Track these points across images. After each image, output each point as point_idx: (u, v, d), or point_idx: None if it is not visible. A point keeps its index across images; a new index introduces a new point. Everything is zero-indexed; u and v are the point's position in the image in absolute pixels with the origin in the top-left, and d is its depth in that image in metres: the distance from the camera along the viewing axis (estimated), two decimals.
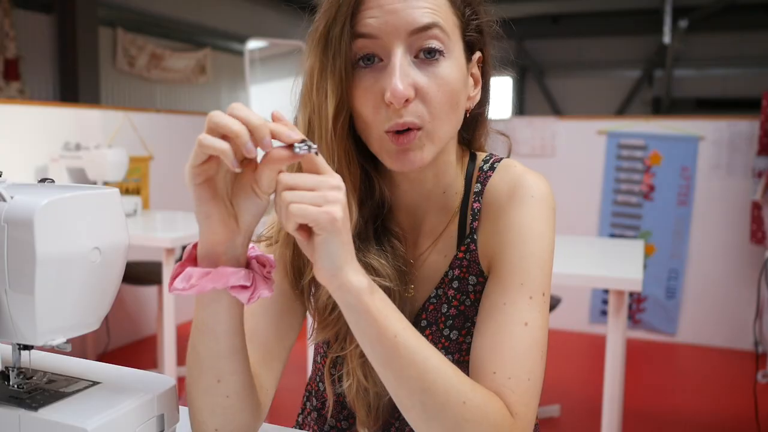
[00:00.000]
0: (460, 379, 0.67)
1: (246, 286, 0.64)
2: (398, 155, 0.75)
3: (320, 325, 0.83)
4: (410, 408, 0.66)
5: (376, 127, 0.74)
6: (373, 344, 0.64)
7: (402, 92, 0.70)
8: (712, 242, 4.07)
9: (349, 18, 0.73)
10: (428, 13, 0.72)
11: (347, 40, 0.73)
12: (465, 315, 0.85)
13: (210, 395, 0.70)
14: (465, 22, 0.79)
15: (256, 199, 0.63)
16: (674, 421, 3.02)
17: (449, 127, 0.77)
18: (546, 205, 0.80)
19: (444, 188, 0.85)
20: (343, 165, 0.77)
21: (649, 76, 9.34)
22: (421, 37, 0.72)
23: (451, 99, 0.75)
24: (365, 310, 0.63)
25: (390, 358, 0.64)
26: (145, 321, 4.09)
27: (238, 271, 0.63)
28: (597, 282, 2.07)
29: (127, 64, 6.25)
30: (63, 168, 3.16)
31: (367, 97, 0.74)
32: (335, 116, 0.75)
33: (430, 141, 0.75)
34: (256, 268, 0.66)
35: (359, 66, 0.74)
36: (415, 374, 0.64)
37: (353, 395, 0.83)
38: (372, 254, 0.81)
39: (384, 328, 0.63)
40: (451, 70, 0.74)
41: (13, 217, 0.59)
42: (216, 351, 0.69)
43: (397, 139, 0.74)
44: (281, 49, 4.99)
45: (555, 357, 3.69)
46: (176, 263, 0.66)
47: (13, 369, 0.68)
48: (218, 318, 0.67)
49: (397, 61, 0.72)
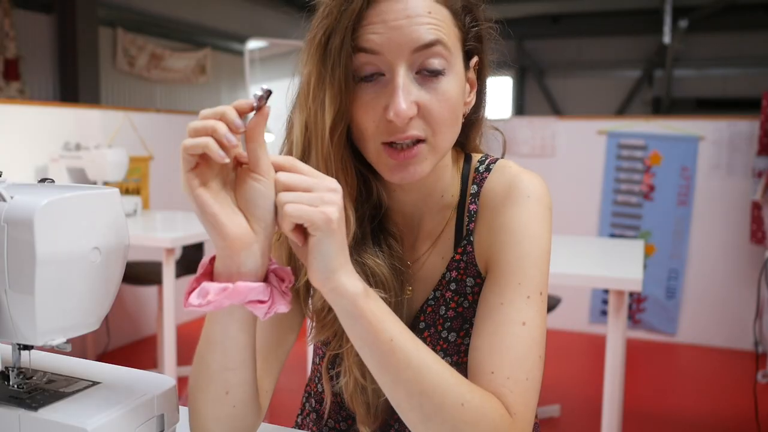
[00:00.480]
0: (458, 381, 0.67)
1: (263, 300, 0.63)
2: (398, 169, 0.74)
3: (318, 325, 0.83)
4: (408, 411, 0.66)
5: (375, 139, 0.74)
6: (369, 348, 0.64)
7: (405, 112, 0.70)
8: (712, 242, 4.06)
9: (350, 31, 0.71)
10: (432, 30, 0.71)
11: (348, 53, 0.72)
12: (463, 317, 0.84)
13: (218, 406, 0.70)
14: (465, 32, 0.78)
15: (259, 188, 0.61)
16: (674, 421, 3.02)
17: (451, 139, 0.77)
18: (542, 204, 0.80)
19: (441, 192, 0.85)
20: (339, 173, 0.76)
21: (649, 76, 9.34)
22: (424, 55, 0.72)
23: (452, 113, 0.75)
24: (360, 314, 0.63)
25: (386, 362, 0.64)
26: (145, 321, 4.09)
27: (256, 287, 0.62)
28: (597, 282, 2.07)
29: (127, 64, 6.25)
30: (63, 168, 3.16)
31: (367, 112, 0.73)
32: (333, 127, 0.74)
33: (432, 154, 0.75)
34: (274, 282, 0.65)
35: (360, 79, 0.73)
36: (412, 377, 0.64)
37: (350, 393, 0.83)
38: (368, 254, 0.81)
39: (379, 332, 0.63)
40: (451, 85, 0.74)
41: (13, 217, 0.59)
42: (224, 364, 0.69)
43: (396, 153, 0.73)
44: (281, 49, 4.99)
45: (555, 357, 3.69)
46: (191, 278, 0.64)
47: (13, 369, 0.68)
48: (228, 333, 0.67)
49: (400, 80, 0.71)
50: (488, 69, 0.85)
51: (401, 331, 0.65)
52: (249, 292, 0.61)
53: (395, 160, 0.74)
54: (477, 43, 0.80)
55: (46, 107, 3.48)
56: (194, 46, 7.11)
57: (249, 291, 0.61)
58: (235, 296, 0.61)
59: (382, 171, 0.76)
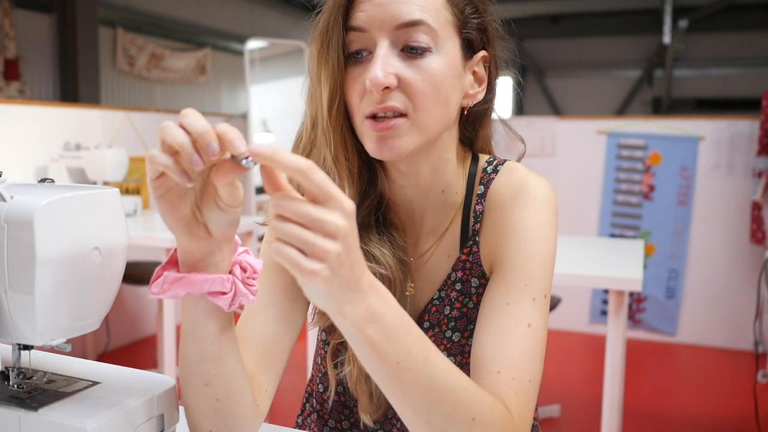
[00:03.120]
0: (470, 396, 0.64)
1: (224, 292, 0.63)
2: (378, 141, 0.76)
3: (319, 311, 0.84)
4: (415, 426, 0.64)
5: (359, 113, 0.76)
6: (374, 369, 0.61)
7: (380, 80, 0.72)
8: (712, 242, 4.06)
9: (343, 11, 0.76)
10: (416, 10, 0.74)
11: (340, 33, 0.76)
12: (468, 317, 0.84)
13: (200, 398, 0.70)
14: (463, 20, 0.79)
15: (222, 215, 0.60)
16: (674, 421, 3.02)
17: (435, 119, 0.77)
18: (549, 207, 0.81)
19: (443, 187, 0.85)
20: (340, 152, 0.79)
21: (649, 76, 9.34)
22: (407, 32, 0.74)
23: (435, 91, 0.75)
24: (362, 339, 0.58)
25: (391, 383, 0.61)
26: (145, 321, 4.09)
27: (213, 278, 0.62)
28: (597, 282, 2.07)
29: (127, 64, 6.25)
30: (63, 168, 3.16)
31: (354, 87, 0.76)
32: (329, 104, 0.77)
33: (414, 131, 0.76)
34: (237, 273, 0.64)
35: (351, 58, 0.77)
36: (420, 396, 0.61)
37: (354, 381, 0.83)
38: (373, 243, 0.81)
39: (384, 355, 0.59)
40: (437, 64, 0.75)
41: (13, 217, 0.59)
42: (199, 355, 0.68)
43: (375, 125, 0.75)
44: (281, 49, 4.99)
45: (555, 357, 3.69)
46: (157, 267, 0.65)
47: (13, 369, 0.68)
48: (197, 322, 0.66)
49: (380, 52, 0.74)
50: (498, 66, 0.86)
51: (409, 351, 0.60)
52: (204, 283, 0.62)
53: (375, 131, 0.75)
54: (479, 32, 0.81)
55: (46, 107, 3.48)
56: (194, 46, 7.11)
57: (204, 282, 0.62)
58: (188, 286, 0.61)
59: (367, 146, 0.78)
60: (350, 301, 0.56)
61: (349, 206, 0.53)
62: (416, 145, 0.76)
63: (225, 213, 0.60)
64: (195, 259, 0.63)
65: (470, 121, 0.87)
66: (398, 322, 0.59)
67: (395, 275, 0.81)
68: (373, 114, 0.75)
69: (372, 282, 0.58)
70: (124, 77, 6.30)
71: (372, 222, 0.83)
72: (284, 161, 0.51)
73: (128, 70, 6.28)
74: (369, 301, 0.57)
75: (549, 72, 9.98)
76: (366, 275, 0.57)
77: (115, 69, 6.16)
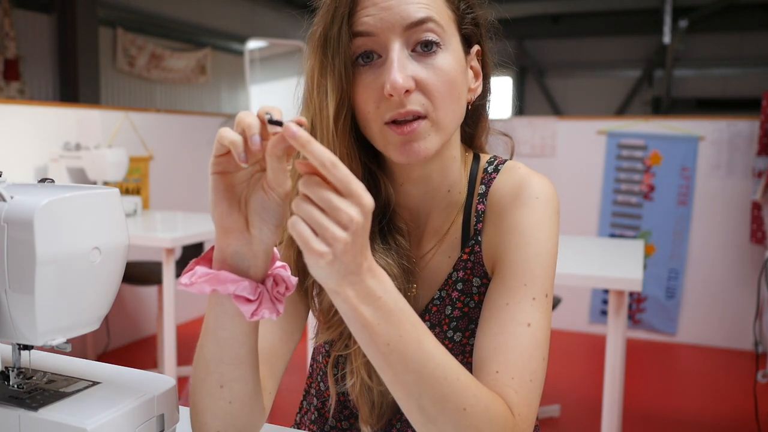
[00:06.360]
0: (463, 385, 0.64)
1: (250, 300, 0.63)
2: (403, 146, 0.75)
3: (324, 325, 0.83)
4: (409, 411, 0.65)
5: (377, 120, 0.75)
6: (365, 346, 0.63)
7: (401, 83, 0.71)
8: (712, 242, 4.06)
9: (347, 18, 0.74)
10: (422, 8, 0.74)
11: (345, 40, 0.74)
12: (469, 317, 0.84)
13: (213, 399, 0.70)
14: (460, 16, 0.80)
15: (265, 199, 0.62)
16: (674, 421, 3.02)
17: (453, 116, 0.77)
18: (550, 206, 0.81)
19: (449, 186, 0.85)
20: (345, 162, 0.76)
21: (649, 76, 9.34)
22: (417, 31, 0.74)
23: (451, 89, 0.75)
24: (356, 318, 0.61)
25: (383, 362, 0.63)
26: (145, 321, 4.08)
27: (240, 281, 0.62)
28: (597, 282, 2.07)
29: (127, 64, 6.25)
30: (63, 168, 3.16)
31: (368, 94, 0.75)
32: (336, 114, 0.76)
33: (435, 131, 0.75)
34: (268, 285, 0.65)
35: (359, 64, 0.76)
36: (411, 380, 0.63)
37: (357, 393, 0.83)
38: (378, 254, 0.81)
39: (376, 335, 0.61)
40: (448, 61, 0.75)
41: (13, 217, 0.59)
42: (219, 356, 0.68)
43: (400, 128, 0.74)
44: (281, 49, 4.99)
45: (555, 357, 3.68)
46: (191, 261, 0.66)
47: (13, 369, 0.68)
48: (221, 323, 0.67)
49: (394, 55, 0.73)
50: (491, 59, 0.86)
51: (401, 335, 0.61)
52: (230, 283, 0.62)
53: (399, 135, 0.74)
54: (474, 27, 0.82)
55: (46, 107, 3.48)
56: (194, 46, 7.11)
57: (230, 282, 0.62)
58: (215, 282, 0.62)
59: (389, 153, 0.77)
60: (348, 282, 0.59)
61: (367, 203, 0.56)
62: (438, 145, 0.77)
63: (267, 197, 0.61)
64: (226, 256, 0.64)
65: (469, 116, 0.88)
66: (393, 307, 0.61)
67: (399, 284, 0.81)
68: (394, 119, 0.74)
69: (371, 267, 0.60)
70: (124, 77, 6.30)
71: (376, 230, 0.83)
72: (314, 151, 0.54)
73: (128, 70, 6.28)
74: (366, 284, 0.59)
75: (549, 72, 9.98)
76: (367, 261, 0.59)
77: (115, 69, 6.16)
